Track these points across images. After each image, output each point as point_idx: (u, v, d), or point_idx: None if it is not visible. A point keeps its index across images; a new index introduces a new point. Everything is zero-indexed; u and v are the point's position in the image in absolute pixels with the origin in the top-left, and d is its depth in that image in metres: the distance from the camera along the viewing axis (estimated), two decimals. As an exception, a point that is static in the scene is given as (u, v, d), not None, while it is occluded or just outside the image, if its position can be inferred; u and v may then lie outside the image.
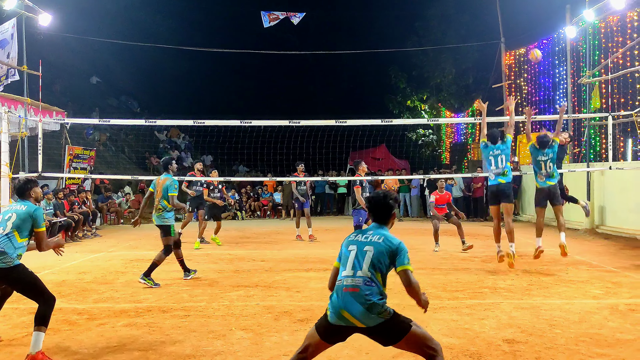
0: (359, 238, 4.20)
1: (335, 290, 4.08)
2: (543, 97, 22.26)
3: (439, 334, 5.84)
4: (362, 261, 4.06)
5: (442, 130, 31.34)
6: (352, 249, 4.13)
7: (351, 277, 4.02)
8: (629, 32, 16.31)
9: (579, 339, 5.66)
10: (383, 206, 4.32)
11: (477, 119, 24.15)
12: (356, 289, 3.98)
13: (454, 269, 9.94)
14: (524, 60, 23.30)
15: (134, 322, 6.49)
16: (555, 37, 20.73)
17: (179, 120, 15.27)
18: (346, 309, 3.95)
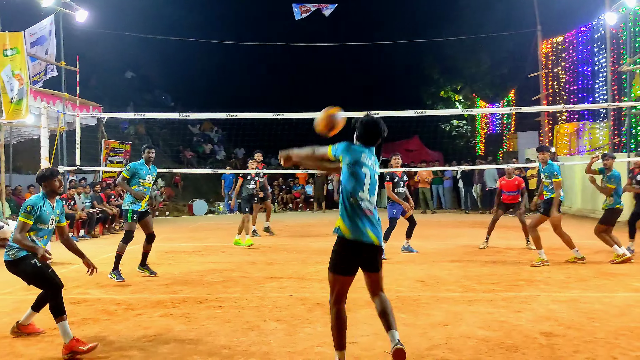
0: (367, 162, 4.43)
1: (354, 208, 4.32)
2: (582, 85, 21.79)
3: (474, 327, 5.76)
4: (373, 189, 4.42)
5: (476, 120, 30.96)
6: (366, 172, 4.37)
7: (368, 201, 4.36)
8: (672, 18, 15.84)
9: (618, 332, 5.52)
10: (376, 132, 4.54)
11: (513, 109, 23.83)
12: (371, 212, 4.35)
13: (489, 261, 9.82)
14: (562, 49, 22.82)
15: (170, 313, 6.56)
16: (594, 24, 20.26)
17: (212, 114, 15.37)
18: (368, 227, 4.31)
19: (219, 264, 9.90)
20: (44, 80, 14.92)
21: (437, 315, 6.22)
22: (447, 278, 8.32)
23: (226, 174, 21.39)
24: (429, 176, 21.03)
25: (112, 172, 18.81)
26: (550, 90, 23.42)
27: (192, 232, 15.45)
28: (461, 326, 5.82)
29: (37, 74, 14.83)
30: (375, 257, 4.43)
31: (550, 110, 22.35)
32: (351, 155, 4.43)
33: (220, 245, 12.31)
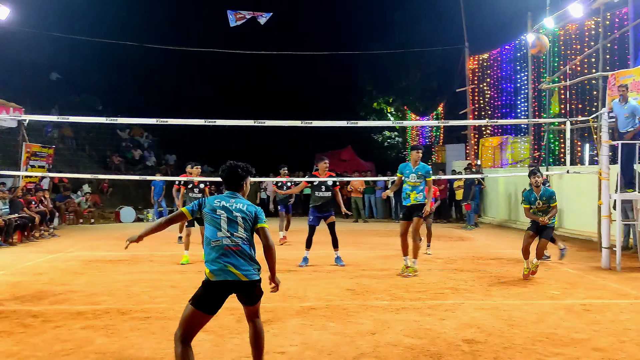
0: (224, 204, 4.57)
1: (213, 250, 4.44)
2: (505, 101, 22.70)
3: (401, 335, 5.90)
4: (236, 225, 4.49)
5: (407, 132, 31.65)
6: (222, 214, 4.51)
7: (229, 238, 4.44)
8: (587, 40, 16.76)
9: (536, 338, 5.78)
10: (235, 175, 4.74)
11: (441, 122, 24.54)
12: (237, 247, 4.42)
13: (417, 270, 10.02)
14: (487, 66, 23.70)
15: (91, 325, 6.36)
16: (517, 43, 21.16)
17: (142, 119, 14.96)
18: (231, 264, 4.38)
19: (146, 274, 9.69)
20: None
21: (366, 324, 6.32)
22: (376, 286, 8.47)
23: (156, 181, 20.94)
24: (361, 186, 21.31)
25: (33, 177, 18.07)
26: (476, 105, 24.26)
27: (119, 241, 15.03)
28: (388, 334, 5.94)
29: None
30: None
31: (475, 124, 23.17)
32: (205, 208, 4.61)
33: (148, 254, 12.04)
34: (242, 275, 4.38)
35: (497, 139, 22.66)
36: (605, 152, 10.41)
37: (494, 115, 23.07)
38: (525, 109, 20.15)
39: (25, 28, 22.24)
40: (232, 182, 4.73)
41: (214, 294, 4.40)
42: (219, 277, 4.36)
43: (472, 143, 23.91)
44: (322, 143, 28.85)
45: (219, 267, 4.37)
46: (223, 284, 4.37)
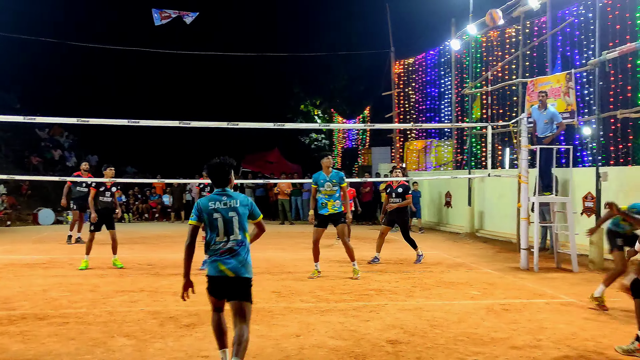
0: (218, 205, 4.76)
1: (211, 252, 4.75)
2: (429, 105, 23.25)
3: (326, 337, 5.92)
4: (232, 226, 4.73)
5: (334, 135, 31.91)
6: (218, 217, 4.72)
7: (227, 241, 4.72)
8: (508, 47, 17.40)
9: (457, 338, 5.93)
10: (222, 171, 4.87)
11: (367, 125, 24.86)
12: (232, 250, 4.71)
13: (342, 271, 10.11)
14: (413, 70, 24.21)
15: (6, 331, 6.08)
16: (441, 49, 21.72)
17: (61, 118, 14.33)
18: (224, 263, 4.68)
19: (65, 278, 9.32)
20: None
21: (291, 326, 6.31)
22: (301, 289, 8.47)
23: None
24: (288, 188, 21.30)
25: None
26: (401, 108, 24.73)
27: (36, 244, 14.41)
28: (313, 336, 5.95)
29: None
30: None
31: (401, 127, 23.64)
32: (204, 212, 4.76)
33: (67, 258, 11.58)
34: (233, 272, 4.65)
35: (421, 142, 23.19)
36: (525, 156, 10.85)
37: (418, 119, 23.62)
38: (449, 113, 20.71)
39: None
40: (221, 179, 4.85)
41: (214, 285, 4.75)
42: (212, 273, 4.71)
43: (397, 146, 24.36)
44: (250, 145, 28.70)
45: (214, 266, 4.69)
46: (217, 278, 4.70)
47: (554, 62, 15.20)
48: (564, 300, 7.86)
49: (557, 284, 9.03)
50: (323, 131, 31.04)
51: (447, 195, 18.40)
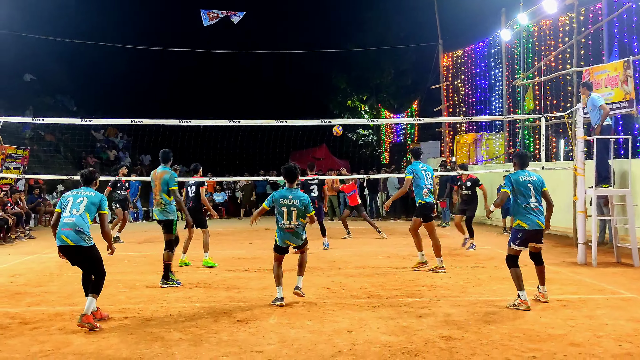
0: (286, 202, 7.21)
1: (280, 230, 7.27)
2: (479, 98, 22.85)
3: (378, 332, 5.87)
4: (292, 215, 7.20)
5: (382, 130, 31.72)
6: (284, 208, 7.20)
7: (289, 223, 7.21)
8: (561, 36, 16.92)
9: (512, 334, 5.79)
10: (294, 173, 7.36)
11: (416, 119, 24.61)
12: (292, 229, 7.23)
13: (393, 267, 10.04)
14: (462, 62, 23.84)
15: (69, 326, 6.27)
16: (491, 39, 21.30)
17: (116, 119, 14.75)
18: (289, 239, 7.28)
19: (123, 275, 9.54)
20: None
21: (342, 322, 6.28)
22: (352, 285, 8.44)
23: (132, 182, 20.71)
24: (336, 184, 21.26)
25: (8, 179, 17.76)
26: (450, 102, 24.40)
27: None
28: (365, 332, 5.91)
29: None
30: None
31: (450, 121, 23.29)
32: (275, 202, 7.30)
33: (124, 255, 11.88)
34: (295, 243, 7.32)
35: (472, 135, 22.81)
36: (581, 147, 10.50)
37: (468, 112, 23.23)
38: (500, 106, 20.31)
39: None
40: (291, 179, 7.34)
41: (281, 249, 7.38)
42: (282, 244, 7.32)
43: (446, 140, 24.04)
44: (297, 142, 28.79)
45: (282, 239, 7.25)
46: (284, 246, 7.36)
47: (610, 50, 14.69)
48: (624, 295, 7.59)
49: (617, 279, 8.72)
50: (371, 126, 30.89)
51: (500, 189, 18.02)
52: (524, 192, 7.06)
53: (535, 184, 7.13)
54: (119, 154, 29.75)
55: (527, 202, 7.05)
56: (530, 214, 7.03)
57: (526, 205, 7.04)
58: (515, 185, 7.09)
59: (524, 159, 7.45)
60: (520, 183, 7.08)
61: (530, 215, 7.02)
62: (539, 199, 7.15)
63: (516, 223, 7.17)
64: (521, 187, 7.06)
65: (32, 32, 23.89)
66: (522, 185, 7.07)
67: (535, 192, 7.11)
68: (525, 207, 7.05)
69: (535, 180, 7.16)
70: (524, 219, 7.06)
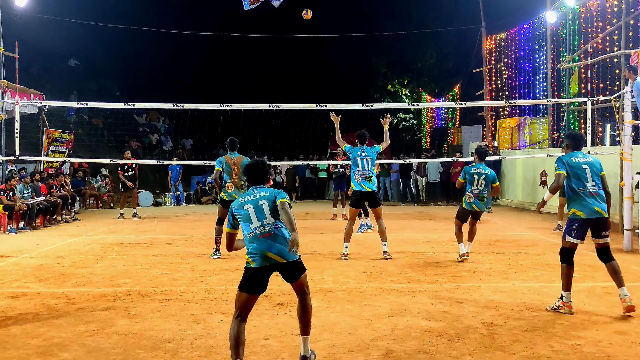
0: (248, 198, 4.75)
1: (250, 241, 4.60)
2: (523, 81, 22.41)
3: (418, 317, 5.89)
4: (263, 212, 4.65)
5: (422, 114, 31.43)
6: (248, 208, 4.69)
7: (262, 226, 4.61)
8: (609, 17, 16.43)
9: (556, 321, 5.73)
10: (259, 171, 4.91)
11: (457, 103, 24.31)
12: (269, 233, 4.59)
13: (433, 253, 10.02)
14: (505, 45, 23.39)
15: (113, 306, 6.44)
16: (535, 21, 20.83)
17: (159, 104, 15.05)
18: (269, 250, 4.53)
19: (165, 257, 9.76)
20: (-20, 66, 14.35)
21: (383, 307, 6.31)
22: (392, 270, 8.45)
23: (173, 165, 21.09)
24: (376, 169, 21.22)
25: (53, 162, 18.28)
26: (493, 85, 24.00)
27: (137, 224, 15.17)
28: (405, 317, 5.93)
29: (-26, 60, 14.25)
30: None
31: (493, 105, 22.92)
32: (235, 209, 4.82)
33: (166, 238, 12.13)
34: (279, 258, 4.55)
35: (514, 120, 22.42)
36: (628, 132, 10.23)
37: (511, 96, 22.80)
38: (544, 89, 19.89)
39: (44, 15, 22.33)
40: (257, 177, 4.91)
41: (259, 277, 4.60)
42: (259, 264, 4.55)
43: (489, 124, 23.70)
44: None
45: (257, 254, 4.55)
46: (263, 269, 4.57)
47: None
48: (672, 284, 7.42)
49: (664, 267, 8.53)
50: (411, 110, 30.62)
51: (543, 175, 17.71)
52: (580, 174, 6.26)
53: (592, 166, 6.35)
54: (160, 138, 30.24)
55: (582, 186, 6.25)
56: (587, 199, 6.22)
57: (582, 189, 6.24)
58: (568, 167, 6.29)
59: (577, 140, 6.74)
60: (574, 165, 6.29)
61: (587, 202, 6.21)
62: (597, 183, 6.32)
63: (571, 212, 6.36)
64: (576, 170, 6.27)
65: (77, 18, 24.39)
66: (577, 167, 6.28)
67: (592, 175, 6.29)
68: (580, 191, 6.24)
69: (592, 161, 6.39)
70: (579, 206, 6.24)
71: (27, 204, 13.83)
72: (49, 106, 17.65)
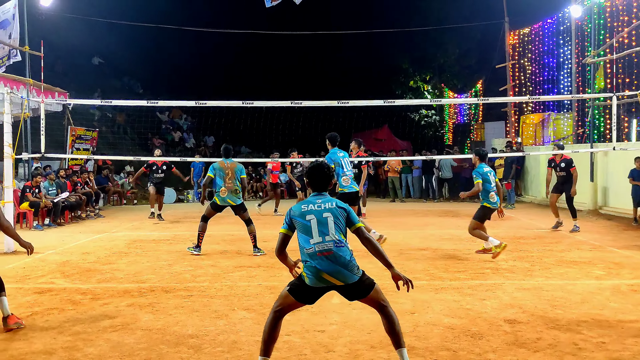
0: (312, 207, 4.31)
1: (308, 256, 4.20)
2: (547, 77, 22.13)
3: (441, 315, 5.86)
4: (327, 227, 4.21)
5: (445, 110, 31.21)
6: (311, 219, 4.25)
7: (322, 243, 4.18)
8: (635, 11, 16.15)
9: (580, 319, 5.67)
10: (323, 175, 4.47)
11: (480, 99, 24.09)
12: (329, 252, 4.16)
13: (456, 249, 9.96)
14: (528, 40, 23.12)
15: (137, 302, 6.52)
16: (560, 16, 20.55)
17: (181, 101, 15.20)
18: (325, 271, 4.14)
19: (188, 253, 9.82)
20: (7, 65, 14.56)
21: (405, 304, 6.29)
22: (414, 266, 8.42)
23: (195, 162, 21.26)
24: (398, 165, 21.15)
25: (78, 160, 18.53)
26: (516, 81, 23.74)
27: (160, 221, 15.31)
28: (428, 314, 5.91)
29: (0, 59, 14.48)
30: None
31: (516, 101, 22.66)
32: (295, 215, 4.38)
33: (189, 234, 12.22)
34: (337, 281, 4.19)
35: (538, 115, 22.16)
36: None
37: (535, 92, 22.53)
38: (569, 85, 19.63)
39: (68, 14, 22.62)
40: (321, 183, 4.49)
41: (311, 293, 4.28)
42: (313, 284, 4.21)
43: (512, 120, 23.46)
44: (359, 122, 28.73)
45: (312, 274, 4.18)
46: (316, 289, 4.24)
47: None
48: (701, 282, 7.28)
49: (692, 265, 8.38)
50: (433, 107, 30.42)
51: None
52: None
53: None
54: (183, 136, 30.47)
55: None
56: None
57: None
58: None
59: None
60: None
61: None
62: None
63: None
64: None
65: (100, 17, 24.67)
66: None
67: None
68: None
69: None
70: None
71: (53, 200, 14.04)
72: (73, 104, 17.88)
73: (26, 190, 13.51)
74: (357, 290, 4.27)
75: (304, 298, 4.29)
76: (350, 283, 4.19)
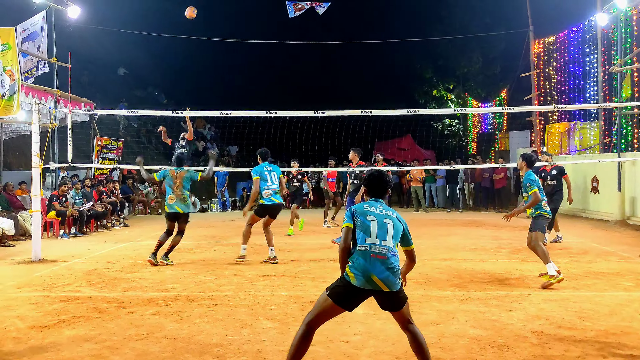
0: (374, 210, 4.47)
1: (360, 255, 4.29)
2: (573, 85, 21.88)
3: (466, 326, 5.80)
4: (385, 233, 4.37)
5: (468, 120, 31.03)
6: (372, 220, 4.39)
7: (378, 245, 4.30)
8: (663, 19, 15.93)
9: (609, 332, 5.57)
10: (382, 183, 4.67)
11: (505, 108, 23.90)
12: (384, 256, 4.26)
13: (481, 260, 9.86)
14: (554, 49, 22.91)
15: (162, 311, 6.55)
16: (585, 24, 20.34)
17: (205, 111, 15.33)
18: (375, 273, 4.21)
19: (211, 262, 9.89)
20: (35, 76, 14.87)
21: (430, 314, 6.24)
22: (439, 277, 8.35)
23: (219, 172, 21.41)
24: (421, 174, 21.06)
25: (104, 169, 18.77)
26: (541, 90, 23.51)
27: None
28: (453, 325, 5.85)
29: (29, 70, 14.77)
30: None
31: (541, 110, 22.43)
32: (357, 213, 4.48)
33: (213, 243, 12.29)
34: (384, 285, 4.24)
35: (564, 124, 21.91)
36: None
37: (561, 101, 22.28)
38: (595, 93, 19.39)
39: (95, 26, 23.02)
40: (379, 190, 4.66)
41: (353, 295, 4.31)
42: (360, 284, 4.24)
43: (537, 130, 23.23)
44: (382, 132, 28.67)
45: (361, 273, 4.23)
46: (362, 290, 4.27)
47: None
48: None
49: None
50: (457, 116, 30.27)
51: (594, 181, 17.25)
52: None
53: None
54: (207, 145, 30.70)
55: None
56: None
57: None
58: None
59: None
60: None
61: None
62: None
63: None
64: None
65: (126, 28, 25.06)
66: None
67: None
68: None
69: None
70: None
71: (79, 209, 14.23)
72: (99, 114, 18.15)
73: (53, 199, 13.71)
74: (395, 300, 4.34)
75: (344, 302, 4.29)
76: (393, 291, 4.27)
